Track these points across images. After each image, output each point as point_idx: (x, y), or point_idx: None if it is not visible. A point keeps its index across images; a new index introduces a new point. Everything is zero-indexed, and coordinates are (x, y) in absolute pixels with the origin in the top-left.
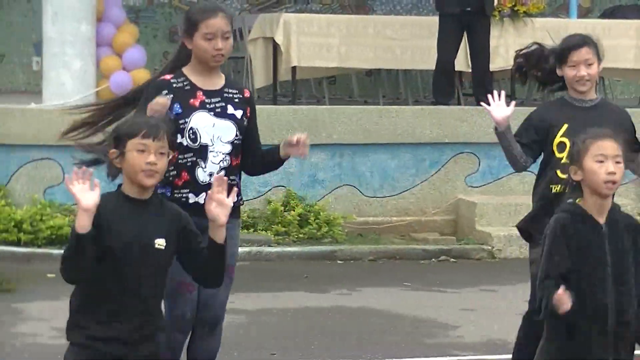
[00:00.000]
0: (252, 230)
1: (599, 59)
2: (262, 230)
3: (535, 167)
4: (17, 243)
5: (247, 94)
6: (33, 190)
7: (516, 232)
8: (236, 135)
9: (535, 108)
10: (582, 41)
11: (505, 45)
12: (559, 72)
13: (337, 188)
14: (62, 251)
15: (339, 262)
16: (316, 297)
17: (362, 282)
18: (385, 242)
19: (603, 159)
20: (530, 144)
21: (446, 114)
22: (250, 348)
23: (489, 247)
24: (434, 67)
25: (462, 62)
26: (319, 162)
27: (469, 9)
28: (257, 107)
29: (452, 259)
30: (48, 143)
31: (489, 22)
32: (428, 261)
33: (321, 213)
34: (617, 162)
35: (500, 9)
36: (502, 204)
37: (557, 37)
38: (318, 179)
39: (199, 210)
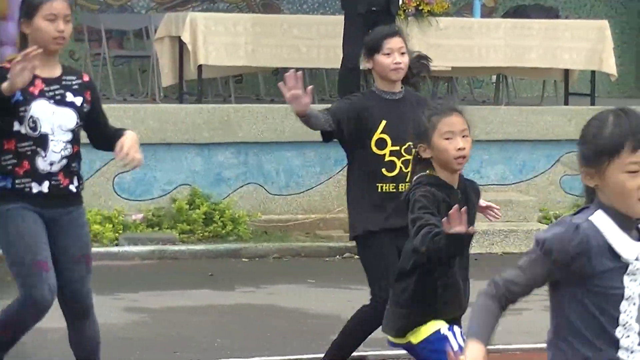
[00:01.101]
0: (157, 228)
1: (408, 52)
2: (167, 228)
3: None
4: None
5: (85, 78)
6: None
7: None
8: (77, 123)
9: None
10: (395, 30)
11: (410, 45)
12: (368, 64)
13: (242, 186)
14: None
15: (244, 260)
16: (221, 295)
17: (267, 280)
18: (291, 239)
19: (451, 135)
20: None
21: None
22: (153, 346)
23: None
24: (339, 66)
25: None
26: (224, 161)
27: (374, 8)
28: (165, 105)
29: (357, 256)
30: None
31: (394, 21)
32: (333, 258)
33: (226, 211)
34: (465, 136)
35: (405, 8)
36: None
37: (461, 36)
38: (223, 178)
39: (43, 199)
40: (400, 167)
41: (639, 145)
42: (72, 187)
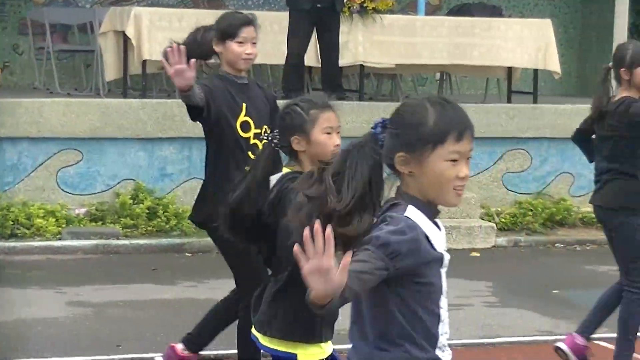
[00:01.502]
0: (100, 223)
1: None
2: (110, 223)
3: None
4: None
5: None
6: None
7: None
8: None
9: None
10: (251, 19)
11: (355, 42)
12: (217, 48)
13: (186, 181)
14: None
15: (187, 254)
16: (164, 289)
17: (209, 275)
18: None
19: (330, 130)
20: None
21: None
22: (95, 340)
23: None
24: (284, 62)
25: (312, 57)
26: (167, 156)
27: (319, 5)
28: (109, 100)
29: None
30: None
31: (338, 18)
32: None
33: (170, 206)
34: (338, 133)
35: (349, 5)
36: None
37: (405, 34)
38: (167, 172)
39: None
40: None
41: (461, 136)
42: None
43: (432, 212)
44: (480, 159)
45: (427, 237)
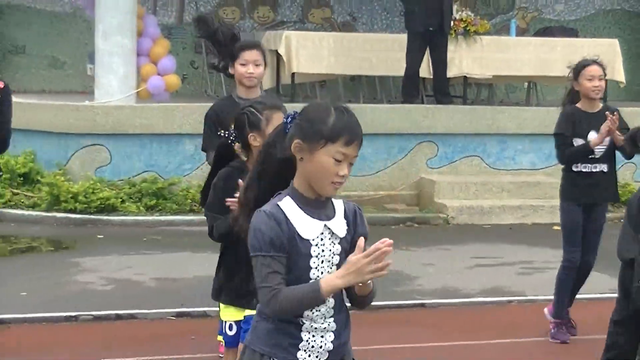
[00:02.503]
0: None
1: (265, 63)
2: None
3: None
4: (74, 211)
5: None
6: (86, 169)
7: (466, 203)
8: None
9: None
10: (254, 44)
11: (459, 57)
12: (231, 70)
13: None
14: (110, 217)
15: None
16: None
17: None
18: (364, 211)
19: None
20: None
21: (412, 111)
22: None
23: (445, 215)
24: (403, 74)
25: (425, 70)
26: None
27: (431, 28)
28: None
29: (416, 225)
30: (98, 132)
31: (446, 39)
32: (397, 226)
33: None
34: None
35: (455, 28)
36: (455, 182)
37: (500, 51)
38: None
39: None
40: None
41: (350, 142)
42: None
43: (309, 204)
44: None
45: (292, 226)
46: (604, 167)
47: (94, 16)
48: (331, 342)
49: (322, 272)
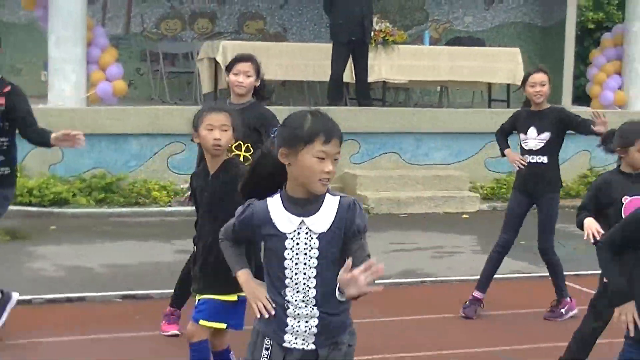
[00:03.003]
0: None
1: (258, 74)
2: None
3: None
4: (29, 204)
5: (6, 89)
6: (41, 167)
7: (385, 195)
8: None
9: None
10: (246, 57)
11: (379, 64)
12: (226, 80)
13: None
14: (62, 210)
15: None
16: None
17: None
18: None
19: (211, 127)
20: None
21: (337, 113)
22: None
23: (366, 206)
24: (329, 79)
25: (348, 76)
26: None
27: (353, 38)
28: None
29: None
30: None
31: (367, 48)
32: None
33: None
34: (225, 130)
35: (375, 38)
36: (375, 176)
37: (415, 58)
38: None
39: None
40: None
41: (329, 141)
42: None
43: (294, 203)
44: (469, 147)
45: (270, 217)
46: (543, 159)
47: (47, 27)
48: (315, 326)
49: (296, 263)
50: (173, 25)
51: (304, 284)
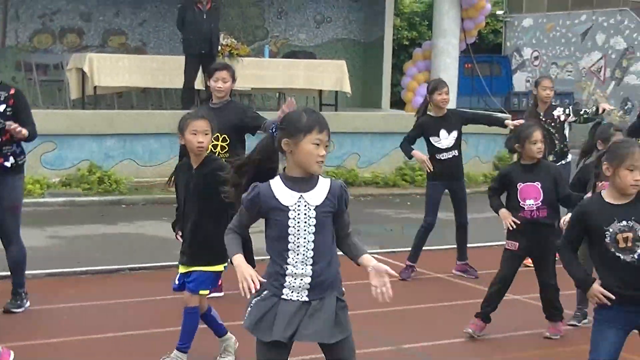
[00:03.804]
0: (68, 187)
1: (233, 79)
2: (75, 187)
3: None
4: None
5: (12, 92)
6: None
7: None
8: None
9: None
10: (223, 65)
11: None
12: (208, 83)
13: (122, 161)
14: None
15: (123, 206)
16: (109, 227)
17: (140, 218)
18: (154, 193)
19: (195, 132)
20: None
21: None
22: (64, 258)
23: None
24: (182, 87)
25: (199, 84)
26: (110, 145)
27: (203, 52)
28: (72, 111)
29: None
30: None
31: (215, 59)
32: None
33: (112, 176)
34: (206, 134)
35: (222, 52)
36: None
37: (257, 69)
38: (110, 155)
39: None
40: (218, 151)
41: (321, 131)
42: (7, 164)
43: (292, 182)
44: None
45: (274, 195)
46: (455, 153)
47: None
48: (308, 283)
49: (297, 231)
50: (45, 40)
51: (304, 247)
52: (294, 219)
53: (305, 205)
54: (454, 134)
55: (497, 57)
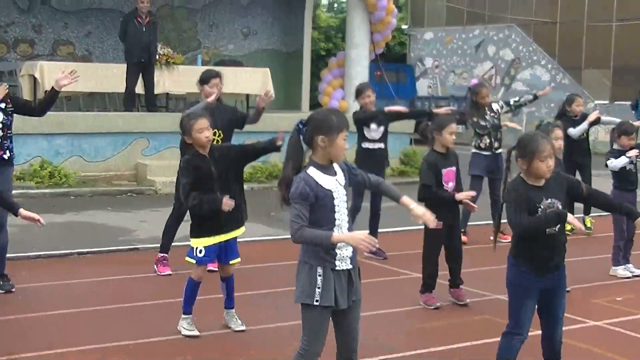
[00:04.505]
0: (22, 180)
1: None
2: (28, 180)
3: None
4: None
5: (7, 91)
6: None
7: (170, 179)
8: (3, 118)
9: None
10: (217, 74)
11: (163, 80)
12: (202, 88)
13: (70, 157)
14: None
15: (72, 197)
16: (58, 216)
17: (87, 208)
18: (99, 186)
19: (201, 130)
20: None
21: (131, 117)
22: (21, 245)
23: (155, 188)
24: (124, 91)
25: (139, 88)
26: (60, 143)
27: (142, 60)
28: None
29: (135, 194)
30: None
31: (154, 67)
32: (121, 196)
33: (61, 171)
34: (209, 129)
35: (160, 60)
36: (162, 165)
37: (191, 75)
38: (60, 152)
39: None
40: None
41: (348, 128)
42: (5, 156)
43: (324, 169)
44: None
45: (316, 182)
46: (381, 145)
47: None
48: (352, 251)
49: (340, 207)
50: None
51: (346, 221)
52: (337, 198)
53: (339, 186)
54: (382, 129)
55: (402, 66)
